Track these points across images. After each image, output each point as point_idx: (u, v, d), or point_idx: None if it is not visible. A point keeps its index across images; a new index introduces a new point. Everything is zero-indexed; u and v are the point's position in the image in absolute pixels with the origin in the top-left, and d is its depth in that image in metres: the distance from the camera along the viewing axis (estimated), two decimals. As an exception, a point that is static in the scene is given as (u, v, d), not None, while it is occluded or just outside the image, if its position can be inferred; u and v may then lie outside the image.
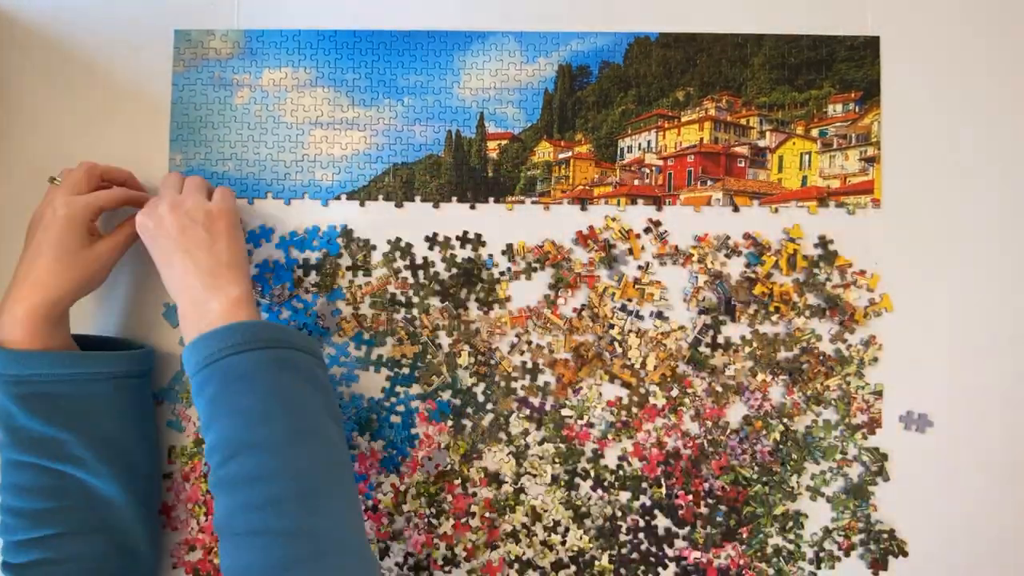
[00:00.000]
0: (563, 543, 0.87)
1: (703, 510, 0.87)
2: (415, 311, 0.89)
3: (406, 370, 0.89)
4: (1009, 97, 0.89)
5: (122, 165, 0.90)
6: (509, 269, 0.89)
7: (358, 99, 0.92)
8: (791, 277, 0.88)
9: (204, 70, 0.92)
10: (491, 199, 0.91)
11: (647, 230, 0.89)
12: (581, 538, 0.86)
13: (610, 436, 0.87)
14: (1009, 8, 0.90)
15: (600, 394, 0.88)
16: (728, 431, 0.87)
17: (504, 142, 0.91)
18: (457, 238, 0.90)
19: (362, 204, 0.91)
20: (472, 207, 0.91)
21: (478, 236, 0.90)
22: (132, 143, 0.91)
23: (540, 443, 0.88)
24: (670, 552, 0.87)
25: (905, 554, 0.86)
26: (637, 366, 0.88)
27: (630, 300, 0.89)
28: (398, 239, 0.90)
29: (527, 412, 0.88)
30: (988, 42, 0.90)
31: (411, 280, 0.89)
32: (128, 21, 0.92)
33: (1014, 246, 0.88)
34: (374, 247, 0.90)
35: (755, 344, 0.88)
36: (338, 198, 0.91)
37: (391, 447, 0.88)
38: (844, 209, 0.89)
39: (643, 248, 0.89)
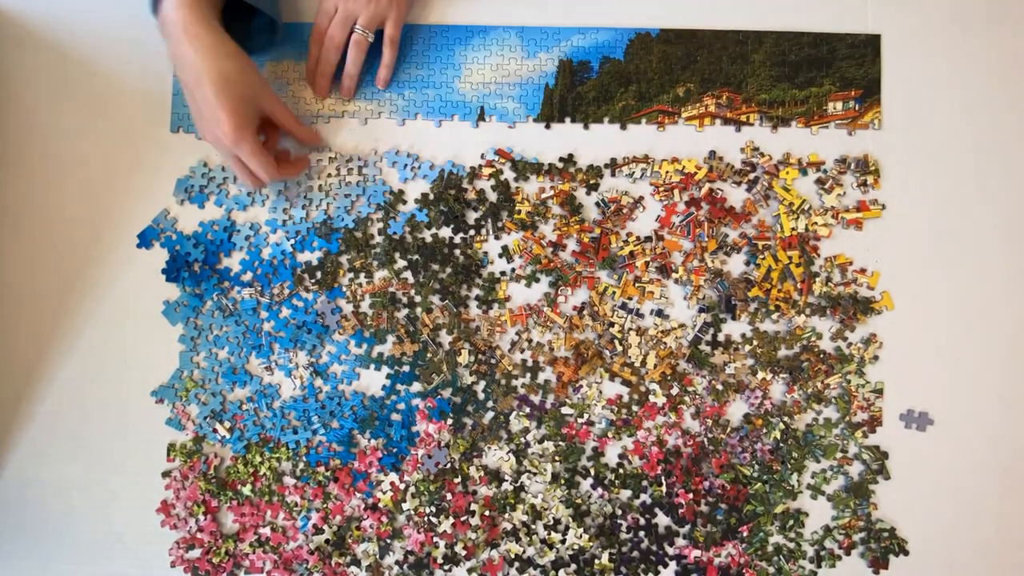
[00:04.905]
0: (563, 541, 0.86)
1: (703, 508, 0.87)
2: (418, 310, 0.89)
3: (406, 368, 0.88)
4: (1010, 96, 0.89)
5: (122, 156, 0.90)
6: (513, 270, 0.89)
7: (359, 92, 0.91)
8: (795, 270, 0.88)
9: (203, 65, 0.91)
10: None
11: (648, 239, 0.89)
12: (581, 536, 0.86)
13: (610, 434, 0.87)
14: (1010, 7, 0.90)
15: (600, 392, 0.88)
16: (728, 429, 0.87)
17: (505, 139, 0.91)
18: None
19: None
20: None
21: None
22: (133, 135, 0.91)
23: (540, 441, 0.87)
24: (670, 550, 0.86)
25: (906, 552, 0.86)
26: (637, 364, 0.88)
27: (630, 298, 0.88)
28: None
29: (527, 410, 0.87)
30: (989, 41, 0.90)
31: (411, 280, 0.89)
32: (129, 15, 0.91)
33: (1015, 244, 0.88)
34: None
35: (755, 342, 0.88)
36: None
37: (391, 445, 0.87)
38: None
39: (643, 251, 0.89)
